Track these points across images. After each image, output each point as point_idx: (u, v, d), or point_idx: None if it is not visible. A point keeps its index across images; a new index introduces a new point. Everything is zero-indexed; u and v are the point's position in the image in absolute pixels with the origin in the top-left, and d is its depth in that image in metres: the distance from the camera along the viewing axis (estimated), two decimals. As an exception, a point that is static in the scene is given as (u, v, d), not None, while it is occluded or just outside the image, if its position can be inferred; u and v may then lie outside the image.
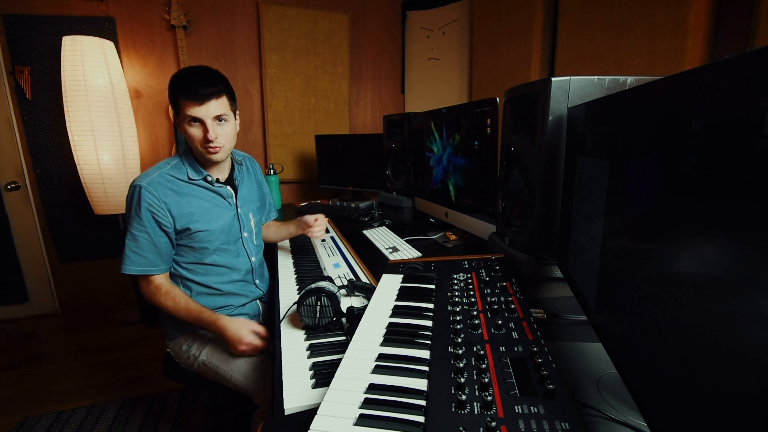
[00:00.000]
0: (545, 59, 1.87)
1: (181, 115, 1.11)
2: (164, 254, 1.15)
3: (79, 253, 2.62)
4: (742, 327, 0.28)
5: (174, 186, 1.15)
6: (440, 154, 1.60)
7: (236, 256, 1.27)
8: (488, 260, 0.98)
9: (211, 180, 1.20)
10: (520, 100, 1.00)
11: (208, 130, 1.10)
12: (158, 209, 1.11)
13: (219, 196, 1.23)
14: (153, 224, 1.11)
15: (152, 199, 1.10)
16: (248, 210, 1.32)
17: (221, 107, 1.12)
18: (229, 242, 1.24)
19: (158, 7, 2.45)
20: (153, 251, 1.13)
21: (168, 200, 1.12)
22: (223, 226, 1.21)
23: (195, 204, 1.17)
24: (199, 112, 1.08)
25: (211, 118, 1.10)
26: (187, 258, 1.20)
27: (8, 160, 2.48)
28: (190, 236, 1.16)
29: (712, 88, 0.32)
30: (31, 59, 2.32)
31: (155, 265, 1.14)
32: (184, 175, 1.17)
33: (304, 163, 2.90)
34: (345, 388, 0.57)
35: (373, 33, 2.95)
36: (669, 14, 1.29)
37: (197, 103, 1.08)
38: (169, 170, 1.16)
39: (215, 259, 1.22)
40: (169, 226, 1.13)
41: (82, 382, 2.04)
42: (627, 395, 0.62)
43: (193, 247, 1.18)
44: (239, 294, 1.28)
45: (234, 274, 1.26)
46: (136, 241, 1.11)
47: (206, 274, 1.22)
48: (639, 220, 0.47)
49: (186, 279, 1.21)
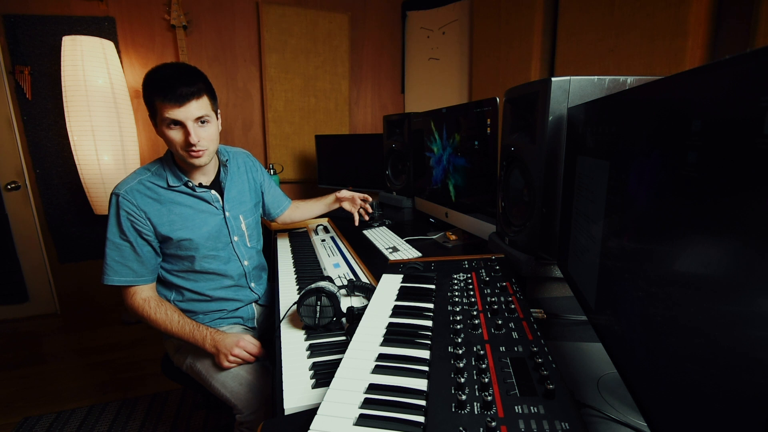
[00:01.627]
0: (545, 59, 1.87)
1: (159, 117, 1.03)
2: (148, 264, 1.11)
3: (79, 253, 2.62)
4: (742, 327, 0.28)
5: (153, 194, 1.09)
6: (440, 154, 1.60)
7: (226, 262, 1.22)
8: (488, 260, 0.98)
9: (192, 186, 1.14)
10: (520, 100, 0.99)
11: (190, 133, 1.02)
12: (137, 218, 1.06)
13: (203, 201, 1.17)
14: (133, 233, 1.07)
15: (131, 208, 1.06)
16: (238, 212, 1.26)
17: (202, 108, 1.04)
18: (217, 248, 1.19)
19: (158, 7, 2.45)
20: (137, 261, 1.08)
21: (147, 209, 1.07)
22: (209, 232, 1.16)
23: (176, 211, 1.11)
24: (178, 114, 1.01)
25: (192, 120, 1.03)
26: (176, 266, 1.16)
27: (8, 160, 2.48)
28: (175, 245, 1.12)
29: (712, 88, 0.32)
30: (31, 59, 2.33)
31: (141, 276, 1.09)
32: (164, 181, 1.11)
33: (304, 163, 2.90)
34: (345, 388, 0.57)
35: (373, 33, 2.95)
36: (669, 14, 1.29)
37: (176, 105, 1.00)
38: (148, 177, 1.11)
39: (204, 266, 1.17)
40: (150, 234, 1.09)
41: (82, 382, 2.04)
42: (627, 395, 0.61)
43: (180, 255, 1.14)
44: (232, 299, 1.25)
45: (226, 280, 1.22)
46: (119, 251, 1.07)
47: (197, 281, 1.18)
48: (639, 220, 0.47)
49: (178, 286, 1.18)
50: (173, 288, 1.19)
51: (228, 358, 1.06)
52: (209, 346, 1.08)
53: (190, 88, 1.01)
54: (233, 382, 1.06)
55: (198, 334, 1.08)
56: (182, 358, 1.18)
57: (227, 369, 1.08)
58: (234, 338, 1.08)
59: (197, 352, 1.14)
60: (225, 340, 1.07)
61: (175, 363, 1.24)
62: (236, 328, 1.25)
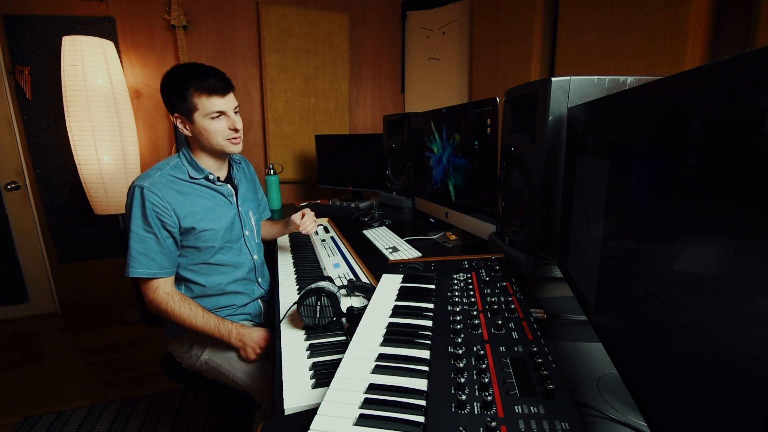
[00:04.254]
0: (545, 59, 1.87)
1: (200, 111, 1.11)
2: (171, 256, 1.13)
3: (79, 253, 2.62)
4: (742, 327, 0.28)
5: (176, 186, 1.14)
6: (440, 154, 1.60)
7: (239, 254, 1.27)
8: (488, 260, 0.98)
9: (213, 178, 1.21)
10: (520, 100, 1.00)
11: (235, 120, 1.15)
12: (163, 210, 1.09)
13: (220, 194, 1.23)
14: (158, 225, 1.09)
15: (156, 200, 1.08)
16: (248, 208, 1.33)
17: (236, 99, 1.18)
18: (231, 240, 1.24)
19: (158, 7, 2.45)
20: (161, 252, 1.10)
21: (172, 200, 1.10)
22: (225, 224, 1.21)
23: (198, 203, 1.16)
24: (223, 104, 1.12)
25: (232, 109, 1.15)
26: (192, 259, 1.18)
27: (8, 160, 2.48)
28: (196, 236, 1.15)
29: (712, 88, 0.32)
30: (31, 59, 2.33)
31: (164, 267, 1.11)
32: (185, 174, 1.16)
33: (304, 163, 2.90)
34: (345, 388, 0.57)
35: (373, 33, 2.95)
36: (669, 14, 1.29)
37: (222, 95, 1.11)
38: (169, 170, 1.15)
39: (220, 258, 1.21)
40: (174, 226, 1.11)
41: (82, 382, 2.04)
42: (627, 395, 0.61)
43: (198, 247, 1.17)
44: (242, 293, 1.28)
45: (237, 272, 1.26)
46: (143, 242, 1.08)
47: (210, 274, 1.21)
48: (639, 220, 0.47)
49: (188, 281, 1.20)
50: (182, 282, 1.21)
51: (256, 351, 1.11)
52: (235, 340, 1.12)
53: (226, 80, 1.14)
54: (256, 371, 1.12)
55: (224, 329, 1.12)
56: (198, 352, 1.21)
57: (252, 362, 1.13)
58: (260, 333, 1.13)
59: (217, 347, 1.19)
60: (252, 335, 1.13)
61: (183, 363, 1.25)
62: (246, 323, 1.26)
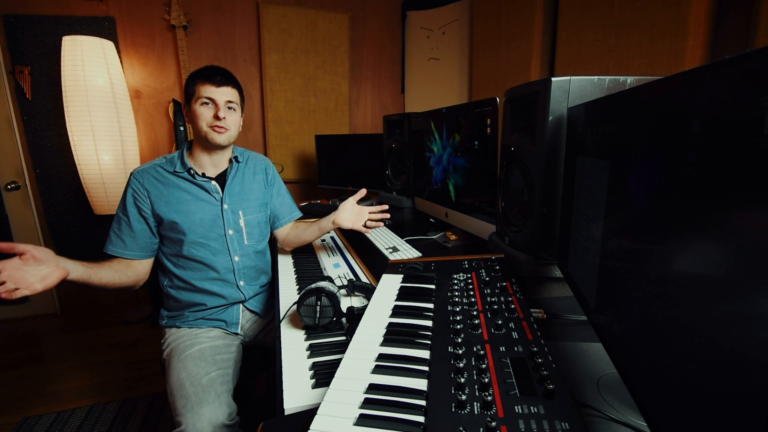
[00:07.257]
0: (545, 59, 1.87)
1: (194, 98, 1.18)
2: (140, 240, 1.20)
3: (79, 253, 2.60)
4: (742, 327, 0.28)
5: (159, 176, 1.22)
6: (440, 154, 1.60)
7: (215, 254, 1.25)
8: (488, 260, 0.98)
9: (194, 173, 1.23)
10: (520, 100, 0.99)
11: (220, 109, 1.18)
12: (139, 195, 1.19)
13: (203, 190, 1.25)
14: (134, 209, 1.19)
15: (137, 186, 1.19)
16: (239, 208, 1.29)
17: (233, 95, 1.22)
18: (209, 237, 1.24)
19: (158, 7, 2.45)
20: (130, 235, 1.19)
21: (150, 188, 1.20)
22: (201, 219, 1.22)
23: (175, 195, 1.21)
24: (213, 93, 1.18)
25: (224, 101, 1.20)
26: (169, 249, 1.24)
27: (8, 160, 2.48)
28: (168, 226, 1.20)
29: (712, 88, 0.32)
30: (31, 59, 2.33)
31: (130, 249, 1.20)
32: (171, 167, 1.24)
33: (304, 163, 2.90)
34: (345, 388, 0.57)
35: (373, 33, 2.95)
36: (669, 14, 1.29)
37: (214, 86, 1.18)
38: (162, 163, 1.24)
39: (192, 253, 1.22)
40: (148, 212, 1.19)
41: (82, 382, 2.04)
42: (627, 395, 0.61)
43: (170, 237, 1.22)
44: (215, 294, 1.25)
45: (211, 272, 1.25)
46: (118, 224, 1.20)
47: (185, 268, 1.24)
48: (639, 221, 0.47)
49: (168, 271, 1.26)
50: (167, 273, 1.27)
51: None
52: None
53: (227, 77, 1.21)
54: (181, 393, 1.06)
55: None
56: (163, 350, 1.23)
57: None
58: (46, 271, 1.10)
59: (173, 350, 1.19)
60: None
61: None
62: (215, 332, 1.24)
